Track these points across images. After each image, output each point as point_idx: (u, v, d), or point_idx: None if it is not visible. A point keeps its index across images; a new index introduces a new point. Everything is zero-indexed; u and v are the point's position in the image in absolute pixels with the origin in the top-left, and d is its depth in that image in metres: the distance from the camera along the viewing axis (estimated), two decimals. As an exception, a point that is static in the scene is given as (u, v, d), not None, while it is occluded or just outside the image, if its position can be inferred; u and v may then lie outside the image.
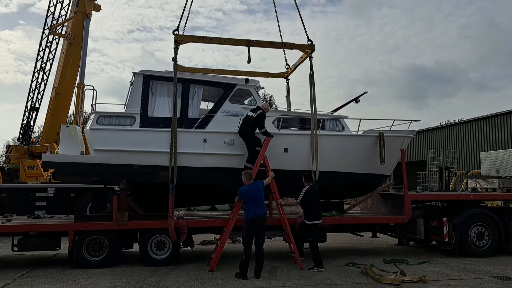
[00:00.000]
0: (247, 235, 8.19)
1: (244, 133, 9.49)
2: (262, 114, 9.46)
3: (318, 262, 8.73)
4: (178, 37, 9.82)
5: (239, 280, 7.87)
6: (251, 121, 9.41)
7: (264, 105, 9.65)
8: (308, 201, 8.96)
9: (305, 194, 8.98)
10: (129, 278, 8.12)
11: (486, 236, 10.33)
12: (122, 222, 9.16)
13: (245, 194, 8.29)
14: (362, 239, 12.15)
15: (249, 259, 8.01)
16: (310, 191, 9.04)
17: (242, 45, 10.12)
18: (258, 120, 9.40)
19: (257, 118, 9.40)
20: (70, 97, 18.77)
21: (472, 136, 25.83)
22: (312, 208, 8.95)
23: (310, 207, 8.96)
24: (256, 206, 8.17)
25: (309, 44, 10.44)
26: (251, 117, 9.43)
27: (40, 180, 16.02)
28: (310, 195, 9.00)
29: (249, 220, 8.15)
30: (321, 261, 8.74)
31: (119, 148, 9.46)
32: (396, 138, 10.93)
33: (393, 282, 7.56)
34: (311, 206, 8.95)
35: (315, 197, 9.08)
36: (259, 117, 9.41)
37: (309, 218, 8.92)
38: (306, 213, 9.00)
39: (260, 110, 9.50)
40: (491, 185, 11.90)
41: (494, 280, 7.88)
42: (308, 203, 8.96)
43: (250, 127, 9.43)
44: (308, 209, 8.97)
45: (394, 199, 11.24)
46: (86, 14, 18.87)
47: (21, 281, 7.96)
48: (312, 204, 8.96)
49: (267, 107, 9.66)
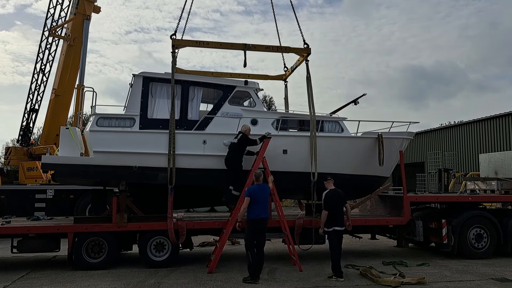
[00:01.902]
0: (249, 236, 8.07)
1: (230, 161, 9.31)
2: (244, 137, 9.36)
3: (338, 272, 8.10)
4: (176, 42, 9.90)
5: (249, 284, 7.63)
6: (235, 146, 9.32)
7: (244, 128, 9.52)
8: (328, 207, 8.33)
9: (323, 199, 8.47)
10: (129, 279, 8.13)
11: (484, 238, 10.35)
12: (122, 224, 9.16)
13: (254, 193, 8.12)
14: (361, 241, 12.16)
15: (257, 260, 7.87)
16: (328, 195, 8.44)
17: (238, 49, 10.24)
18: (242, 143, 9.31)
19: (240, 142, 9.30)
20: (70, 99, 18.76)
21: (471, 138, 25.89)
22: (331, 214, 8.26)
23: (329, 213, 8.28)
24: (260, 207, 8.07)
25: (305, 47, 10.52)
26: (234, 143, 9.35)
27: (39, 181, 15.99)
28: (329, 200, 8.38)
29: (251, 221, 8.04)
30: (341, 271, 8.14)
31: (118, 149, 9.47)
32: (395, 139, 10.96)
33: (392, 284, 7.58)
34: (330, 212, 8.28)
35: (331, 202, 8.34)
36: (241, 141, 9.31)
37: (327, 224, 8.29)
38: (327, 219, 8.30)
39: (240, 134, 9.41)
40: (489, 187, 11.92)
41: (493, 282, 7.90)
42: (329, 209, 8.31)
43: (235, 152, 9.31)
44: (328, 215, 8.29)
45: (393, 201, 11.26)
46: (85, 15, 18.87)
47: (21, 283, 7.96)
48: (334, 210, 8.29)
49: (247, 129, 9.49)
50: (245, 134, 9.43)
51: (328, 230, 8.27)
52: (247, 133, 9.48)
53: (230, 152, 9.38)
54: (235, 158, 9.34)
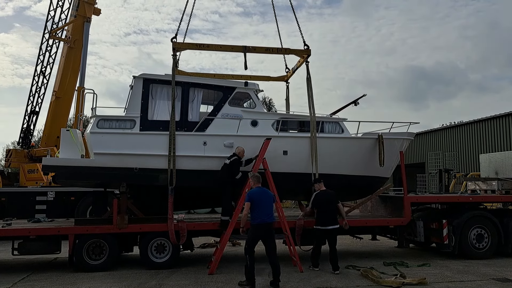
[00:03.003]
0: (250, 241, 7.62)
1: (220, 181, 9.29)
2: (236, 160, 9.28)
3: (315, 263, 9.10)
4: (176, 45, 9.95)
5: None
6: (226, 167, 9.24)
7: (238, 150, 9.43)
8: (316, 207, 9.19)
9: (312, 199, 9.23)
10: (130, 281, 8.13)
11: (485, 238, 10.35)
12: (122, 225, 9.17)
13: (254, 197, 7.73)
14: (362, 242, 12.16)
15: (254, 265, 7.49)
16: (317, 197, 9.19)
17: (238, 51, 10.28)
18: (232, 166, 9.21)
19: (231, 165, 9.21)
20: (70, 101, 18.80)
21: (471, 138, 25.88)
22: (319, 214, 9.11)
23: (318, 213, 9.16)
24: (264, 212, 7.63)
25: (305, 49, 10.54)
26: (225, 164, 9.27)
27: (40, 183, 16.02)
28: (318, 201, 9.14)
29: (255, 225, 7.63)
30: (318, 262, 9.12)
31: (119, 151, 9.49)
32: (395, 140, 10.97)
33: (393, 284, 7.58)
34: (319, 212, 9.15)
35: (324, 203, 9.10)
36: (233, 164, 9.22)
37: (316, 223, 9.15)
38: (316, 218, 9.20)
39: (234, 156, 9.32)
40: (490, 187, 11.92)
41: (494, 282, 7.90)
42: (318, 209, 9.17)
43: (226, 173, 9.22)
44: (317, 214, 9.18)
45: (394, 202, 11.26)
46: (86, 18, 18.94)
47: (22, 285, 7.97)
48: (322, 210, 9.10)
49: (241, 151, 9.40)
50: (238, 156, 9.34)
51: (314, 227, 9.12)
52: (240, 155, 9.37)
53: (221, 172, 9.27)
54: (224, 179, 9.23)
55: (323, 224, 8.98)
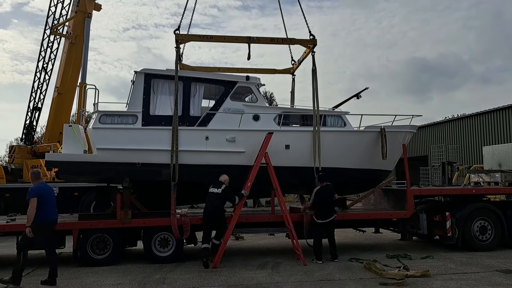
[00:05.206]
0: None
1: (217, 209, 9.00)
2: (226, 189, 9.04)
3: (318, 256, 9.16)
4: (179, 37, 9.87)
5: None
6: (220, 197, 8.98)
7: (223, 178, 9.22)
8: (319, 202, 9.30)
9: (316, 195, 9.31)
10: (134, 275, 8.18)
11: (489, 230, 10.34)
12: (126, 220, 9.21)
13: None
14: (365, 235, 12.17)
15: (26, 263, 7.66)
16: (321, 192, 9.28)
17: (243, 42, 10.14)
18: (226, 194, 9.00)
19: (223, 193, 8.99)
20: (72, 97, 18.84)
21: (474, 131, 25.78)
22: (323, 208, 9.29)
23: (320, 208, 9.32)
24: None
25: (311, 39, 10.41)
26: (218, 193, 8.98)
27: (43, 179, 16.06)
28: (322, 196, 9.27)
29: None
30: (321, 255, 9.15)
31: (121, 146, 9.51)
32: (398, 133, 10.94)
33: (396, 277, 7.58)
34: (322, 207, 9.32)
35: (327, 197, 9.30)
36: (225, 192, 9.00)
37: (319, 217, 9.30)
38: (317, 213, 9.36)
39: (223, 185, 9.10)
40: (493, 179, 11.90)
41: (497, 274, 7.89)
42: (320, 204, 9.31)
43: (220, 202, 9.03)
44: (319, 209, 9.34)
45: (397, 195, 11.24)
46: (87, 13, 18.92)
47: (26, 280, 8.02)
48: (325, 205, 9.29)
49: (226, 179, 9.25)
50: (226, 184, 9.13)
51: (317, 221, 9.28)
52: (226, 183, 9.17)
53: (216, 201, 8.99)
54: (220, 208, 9.08)
55: (326, 218, 9.22)
